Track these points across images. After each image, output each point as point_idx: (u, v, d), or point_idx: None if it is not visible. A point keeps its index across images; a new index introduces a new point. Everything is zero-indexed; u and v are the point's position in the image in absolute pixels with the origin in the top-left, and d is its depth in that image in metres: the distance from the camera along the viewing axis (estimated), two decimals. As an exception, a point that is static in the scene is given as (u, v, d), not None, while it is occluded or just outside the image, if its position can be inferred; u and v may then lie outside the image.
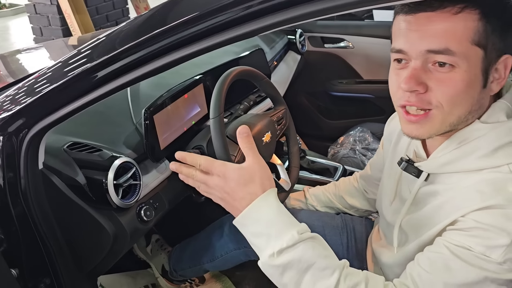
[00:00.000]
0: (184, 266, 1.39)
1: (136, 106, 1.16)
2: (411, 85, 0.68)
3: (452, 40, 0.65)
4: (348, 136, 1.91)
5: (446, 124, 0.70)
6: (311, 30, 2.17)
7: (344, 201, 1.22)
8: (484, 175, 0.69)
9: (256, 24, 0.64)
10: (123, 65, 0.76)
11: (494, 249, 0.63)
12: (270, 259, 0.70)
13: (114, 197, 0.91)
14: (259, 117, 1.14)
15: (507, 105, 0.71)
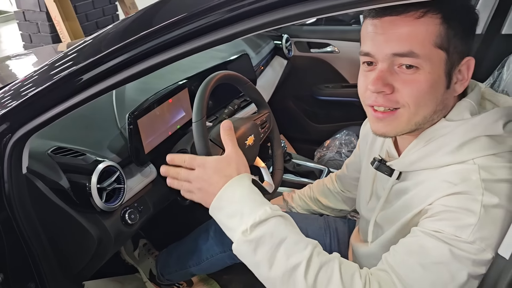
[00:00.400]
0: (171, 270, 1.40)
1: (121, 111, 1.18)
2: (378, 87, 0.70)
3: (415, 43, 0.68)
4: (334, 140, 1.94)
5: (412, 123, 0.73)
6: (298, 35, 2.20)
7: (319, 202, 1.24)
8: (450, 168, 0.71)
9: (240, 26, 0.66)
10: (107, 69, 0.76)
11: (463, 229, 0.65)
12: (244, 235, 0.70)
13: (98, 200, 0.93)
14: (243, 121, 1.16)
15: (471, 104, 0.74)
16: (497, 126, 0.71)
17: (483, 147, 0.70)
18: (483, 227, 0.64)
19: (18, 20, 3.97)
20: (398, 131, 0.75)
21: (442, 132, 0.74)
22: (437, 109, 0.73)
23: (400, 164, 0.80)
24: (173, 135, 1.20)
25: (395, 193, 0.83)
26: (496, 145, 0.71)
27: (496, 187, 0.66)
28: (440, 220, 0.67)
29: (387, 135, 0.77)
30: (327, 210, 1.24)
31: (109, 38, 0.81)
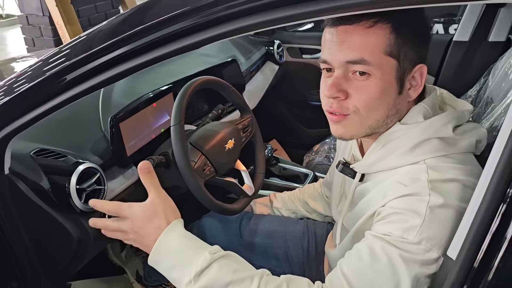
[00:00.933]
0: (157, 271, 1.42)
1: (106, 114, 1.20)
2: (333, 92, 0.74)
3: (366, 51, 0.71)
4: (323, 144, 1.96)
5: (365, 126, 0.77)
6: (290, 41, 2.23)
7: (307, 205, 1.26)
8: (403, 169, 0.75)
9: (226, 27, 0.68)
10: (88, 70, 0.78)
11: (409, 230, 0.67)
12: (188, 286, 0.71)
13: (77, 201, 0.95)
14: (224, 125, 1.19)
15: (425, 108, 0.77)
16: (447, 128, 0.75)
17: (434, 149, 0.74)
18: (429, 228, 0.66)
19: (22, 24, 4.04)
20: (354, 134, 0.79)
21: (396, 135, 0.77)
22: (389, 114, 0.76)
23: (361, 167, 0.84)
24: (157, 138, 1.23)
25: (358, 195, 0.86)
26: (446, 146, 0.74)
27: (442, 187, 0.69)
28: (388, 223, 0.70)
29: (344, 137, 0.80)
30: (313, 214, 1.26)
31: (82, 46, 0.84)
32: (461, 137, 0.76)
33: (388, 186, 0.75)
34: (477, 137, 0.78)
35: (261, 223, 1.22)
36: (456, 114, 0.78)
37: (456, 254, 0.59)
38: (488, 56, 1.71)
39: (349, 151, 0.95)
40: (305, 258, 1.15)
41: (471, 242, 0.57)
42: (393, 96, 0.75)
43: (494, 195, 0.55)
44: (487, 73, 1.67)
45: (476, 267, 0.57)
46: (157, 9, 0.80)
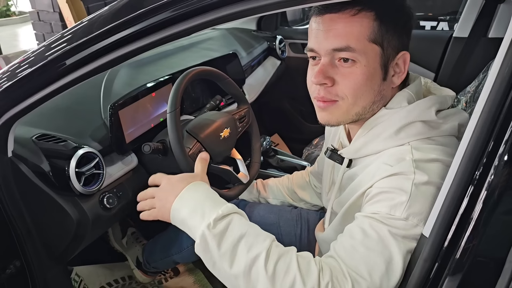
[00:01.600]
0: (156, 258, 1.46)
1: (107, 103, 1.24)
2: (320, 79, 0.76)
3: (351, 38, 0.73)
4: (322, 138, 1.98)
5: (352, 113, 0.79)
6: (292, 37, 2.25)
7: (295, 194, 1.29)
8: (389, 151, 0.77)
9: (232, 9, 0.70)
10: (88, 55, 0.81)
11: (396, 207, 0.69)
12: (208, 229, 0.71)
13: (76, 183, 0.99)
14: (220, 115, 1.22)
15: (409, 94, 0.79)
16: (430, 112, 0.77)
17: (418, 132, 0.76)
18: (414, 204, 0.69)
19: (33, 20, 4.12)
20: (340, 120, 0.81)
21: (381, 120, 0.79)
22: (375, 100, 0.78)
23: (348, 152, 0.86)
24: (156, 127, 1.27)
25: (346, 181, 0.88)
26: (429, 129, 0.76)
27: (426, 166, 0.71)
28: (376, 202, 0.73)
29: (330, 123, 0.82)
30: (300, 203, 1.29)
31: (90, 24, 0.87)
32: (444, 121, 0.79)
33: (375, 168, 0.77)
34: (459, 121, 0.80)
35: (255, 210, 1.25)
36: (439, 99, 0.80)
37: (429, 232, 0.62)
38: (487, 52, 1.72)
39: (338, 138, 0.98)
40: (297, 245, 1.17)
41: (442, 221, 0.59)
42: (378, 82, 0.78)
43: (463, 177, 0.57)
44: (486, 69, 1.68)
45: (446, 245, 0.59)
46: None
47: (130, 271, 1.63)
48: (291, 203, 1.30)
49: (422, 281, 0.62)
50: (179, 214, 0.78)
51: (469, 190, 0.57)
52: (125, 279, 1.63)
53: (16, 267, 1.07)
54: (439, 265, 0.60)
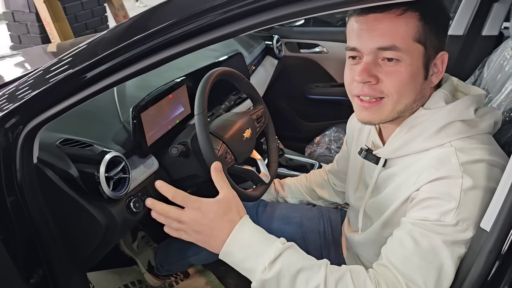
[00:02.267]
0: (171, 260, 1.45)
1: (123, 106, 1.23)
2: (364, 77, 0.78)
3: (397, 38, 0.75)
4: (324, 136, 2.01)
5: (395, 111, 0.81)
6: (288, 36, 2.27)
7: (314, 193, 1.31)
8: (431, 153, 0.79)
9: (231, 28, 0.72)
10: (109, 67, 0.82)
11: (446, 214, 0.72)
12: (264, 274, 0.72)
13: (106, 189, 0.98)
14: (240, 115, 1.23)
15: (445, 94, 0.82)
16: (469, 111, 0.80)
17: (458, 131, 0.78)
18: (463, 210, 0.71)
19: (7, 21, 3.97)
20: (382, 119, 0.82)
21: (421, 120, 0.81)
22: (416, 98, 0.80)
23: (385, 152, 0.87)
24: (173, 129, 1.26)
25: (382, 181, 0.90)
26: (469, 128, 0.79)
27: (472, 169, 0.74)
28: (425, 208, 0.74)
29: (372, 122, 0.84)
30: (319, 201, 1.31)
31: (110, 40, 0.87)
32: (481, 119, 0.81)
33: (418, 171, 0.79)
34: (494, 118, 0.83)
35: (277, 210, 1.26)
36: (475, 98, 0.83)
37: (490, 226, 0.64)
38: (482, 49, 1.79)
39: (366, 138, 0.99)
40: (322, 242, 1.19)
41: (506, 215, 0.62)
42: (420, 81, 0.80)
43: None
44: (482, 66, 1.75)
45: (510, 238, 0.62)
46: (164, 13, 0.83)
47: (139, 275, 1.61)
48: (309, 201, 1.31)
49: (485, 273, 0.64)
50: (230, 259, 0.77)
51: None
52: (135, 283, 1.60)
53: (40, 276, 1.04)
54: (504, 257, 0.63)
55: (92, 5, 4.32)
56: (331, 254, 1.17)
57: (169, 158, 1.20)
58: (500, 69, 1.61)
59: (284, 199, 1.34)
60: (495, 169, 0.74)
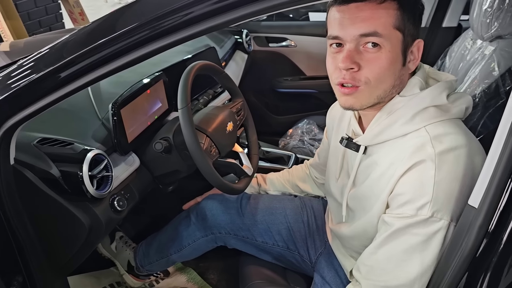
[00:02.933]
0: (151, 259, 1.42)
1: (100, 103, 1.19)
2: (347, 64, 0.80)
3: (379, 24, 0.78)
4: (296, 129, 2.04)
5: (374, 96, 0.84)
6: (256, 31, 2.28)
7: (297, 187, 1.33)
8: (408, 142, 0.83)
9: (195, 29, 0.73)
10: (85, 65, 0.80)
11: (421, 209, 0.77)
12: None
13: (90, 188, 0.95)
14: (220, 109, 1.22)
15: (419, 81, 0.86)
16: (442, 97, 0.84)
17: (432, 116, 0.83)
18: (437, 201, 0.76)
19: (-46, 19, 3.72)
20: (363, 104, 0.85)
21: (397, 106, 0.85)
22: (395, 84, 0.84)
23: (365, 139, 0.90)
24: (151, 125, 1.23)
25: (364, 169, 0.93)
26: (442, 113, 0.83)
27: (447, 158, 0.78)
28: (401, 206, 0.80)
29: (354, 107, 0.86)
30: (301, 194, 1.33)
31: (82, 38, 0.84)
32: (453, 104, 0.86)
33: (397, 161, 0.82)
34: (466, 104, 0.88)
35: (260, 202, 1.27)
36: (448, 84, 0.87)
37: (478, 203, 0.68)
38: (444, 40, 1.87)
39: (346, 127, 1.02)
40: (306, 231, 1.21)
41: (494, 192, 0.65)
42: (399, 67, 0.83)
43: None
44: (444, 56, 1.83)
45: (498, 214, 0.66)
46: (134, 14, 0.83)
47: (117, 277, 1.57)
48: (292, 194, 1.33)
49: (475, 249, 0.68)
50: None
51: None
52: (114, 285, 1.56)
53: (19, 284, 1.00)
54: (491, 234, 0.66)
55: (45, 2, 4.14)
56: (317, 242, 1.20)
57: (150, 154, 1.18)
58: (461, 59, 1.69)
59: (267, 192, 1.35)
60: (469, 154, 0.79)
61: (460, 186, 0.77)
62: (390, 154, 0.85)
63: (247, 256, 1.29)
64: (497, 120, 0.68)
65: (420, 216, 0.77)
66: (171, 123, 1.20)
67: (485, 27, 1.43)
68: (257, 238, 1.23)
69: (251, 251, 1.27)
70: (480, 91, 1.43)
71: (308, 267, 1.21)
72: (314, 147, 1.93)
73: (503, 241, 0.66)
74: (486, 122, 1.38)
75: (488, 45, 1.49)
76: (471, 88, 1.47)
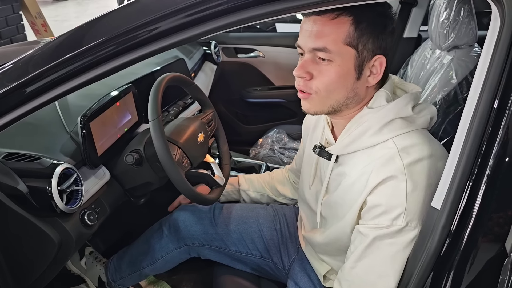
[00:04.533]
0: (123, 274, 1.40)
1: (68, 116, 1.17)
2: (299, 72, 0.85)
3: (328, 41, 0.81)
4: (266, 138, 2.06)
5: (327, 105, 0.88)
6: (225, 42, 2.30)
7: (275, 190, 1.35)
8: (377, 153, 0.86)
9: (163, 43, 0.74)
10: (53, 79, 0.79)
11: (396, 219, 0.81)
12: None
13: (60, 203, 0.93)
14: (191, 120, 1.23)
15: (386, 93, 0.89)
16: (407, 108, 0.87)
17: (399, 127, 0.86)
18: (410, 211, 0.81)
19: None
20: (317, 110, 0.89)
21: (365, 119, 0.88)
22: (348, 96, 0.87)
23: (336, 148, 0.93)
24: (122, 137, 1.22)
25: (335, 177, 0.96)
26: (408, 124, 0.87)
27: (415, 169, 0.82)
28: (376, 217, 0.84)
29: (309, 112, 0.90)
30: (279, 197, 1.36)
31: (52, 51, 0.83)
32: (418, 115, 0.89)
33: (367, 172, 0.86)
34: (430, 114, 0.92)
35: (233, 211, 1.28)
36: (413, 96, 0.90)
37: (440, 205, 0.72)
38: (405, 50, 1.95)
39: (320, 136, 1.05)
40: (279, 238, 1.23)
41: (454, 193, 0.69)
42: (351, 81, 0.85)
43: (471, 151, 0.68)
44: (405, 65, 1.91)
45: (459, 215, 0.70)
46: (100, 29, 0.83)
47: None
48: (270, 197, 1.36)
49: (439, 249, 0.72)
50: None
51: (475, 163, 0.68)
52: (84, 303, 1.52)
53: (-16, 306, 0.96)
54: (453, 234, 0.70)
55: (6, 13, 4.01)
56: (290, 249, 1.21)
57: (121, 167, 1.17)
58: (422, 67, 1.77)
59: (246, 193, 1.37)
60: (434, 162, 0.83)
61: (428, 194, 0.81)
62: (360, 164, 0.88)
63: (221, 266, 1.29)
64: (457, 126, 0.72)
65: (396, 226, 0.81)
66: (141, 135, 1.20)
67: (442, 38, 1.51)
68: (231, 247, 1.24)
69: (225, 261, 1.28)
70: (440, 98, 1.50)
71: (282, 274, 1.23)
72: (285, 155, 1.96)
73: (465, 240, 0.70)
74: (446, 128, 1.45)
75: (446, 54, 1.57)
76: (431, 96, 1.54)
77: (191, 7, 0.71)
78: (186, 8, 0.71)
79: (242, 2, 0.70)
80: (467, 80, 1.49)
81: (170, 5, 0.72)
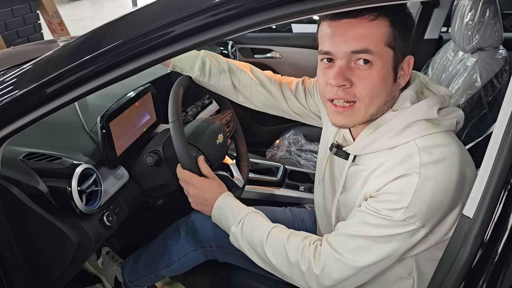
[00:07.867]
0: (139, 275, 1.39)
1: (87, 116, 1.17)
2: (339, 81, 0.80)
3: (370, 42, 0.78)
4: (283, 139, 2.04)
5: (367, 114, 0.84)
6: (242, 42, 2.29)
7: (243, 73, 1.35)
8: (397, 152, 0.83)
9: (182, 44, 0.73)
10: (74, 79, 0.79)
11: (396, 211, 0.79)
12: (233, 227, 0.98)
13: (79, 203, 0.92)
14: (210, 121, 1.22)
15: (411, 94, 0.86)
16: (432, 111, 0.84)
17: (422, 129, 0.83)
18: (412, 209, 0.78)
19: None
20: (356, 122, 0.85)
21: (388, 119, 0.85)
22: (387, 100, 0.84)
23: (355, 148, 0.90)
24: (140, 138, 1.22)
25: (351, 176, 0.93)
26: (432, 126, 0.84)
27: (432, 169, 0.78)
28: (379, 202, 0.81)
29: (346, 126, 0.87)
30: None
31: (72, 52, 0.83)
32: (444, 118, 0.87)
33: (381, 168, 0.83)
34: (457, 118, 0.89)
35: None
36: (439, 98, 0.88)
37: (473, 213, 0.69)
38: (426, 52, 1.92)
39: (334, 134, 1.02)
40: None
41: (489, 202, 0.66)
42: (390, 83, 0.83)
43: (505, 162, 0.65)
44: (426, 67, 1.87)
45: (493, 224, 0.67)
46: (124, 28, 0.82)
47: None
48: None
49: (471, 259, 0.69)
50: (215, 219, 1.04)
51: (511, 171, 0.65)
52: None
53: (3, 305, 0.96)
54: (488, 242, 0.67)
55: (23, 12, 4.06)
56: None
57: (140, 168, 1.16)
58: (444, 70, 1.73)
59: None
60: (457, 165, 0.80)
61: (443, 197, 0.78)
62: (377, 163, 0.86)
63: (238, 269, 1.27)
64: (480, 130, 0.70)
65: (393, 218, 0.79)
66: (160, 135, 1.19)
67: (466, 40, 1.48)
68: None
69: (242, 264, 1.26)
70: (463, 101, 1.46)
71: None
72: (301, 157, 1.94)
73: (499, 250, 0.67)
74: (469, 132, 1.41)
75: (470, 56, 1.53)
76: (455, 99, 1.50)
77: (212, 8, 0.70)
78: (207, 9, 0.70)
79: (267, 2, 0.68)
80: (492, 83, 1.45)
81: (190, 7, 0.71)
